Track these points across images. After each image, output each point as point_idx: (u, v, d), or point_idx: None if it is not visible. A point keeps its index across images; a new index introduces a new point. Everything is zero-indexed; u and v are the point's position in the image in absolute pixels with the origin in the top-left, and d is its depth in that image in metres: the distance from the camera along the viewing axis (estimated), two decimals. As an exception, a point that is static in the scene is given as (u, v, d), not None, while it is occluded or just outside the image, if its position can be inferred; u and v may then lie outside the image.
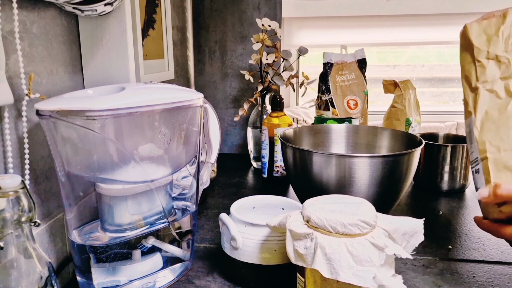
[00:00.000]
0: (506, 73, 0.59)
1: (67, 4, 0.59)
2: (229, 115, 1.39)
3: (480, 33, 0.61)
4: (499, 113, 0.58)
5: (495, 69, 0.59)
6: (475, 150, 0.60)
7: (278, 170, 1.08)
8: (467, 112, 0.62)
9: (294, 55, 1.18)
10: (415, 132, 1.21)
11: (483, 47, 0.60)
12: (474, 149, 0.60)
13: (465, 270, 0.68)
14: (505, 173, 0.56)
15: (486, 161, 0.58)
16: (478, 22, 0.61)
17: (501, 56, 0.59)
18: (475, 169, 0.60)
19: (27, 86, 0.55)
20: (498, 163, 0.57)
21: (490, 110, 0.59)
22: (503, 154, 0.57)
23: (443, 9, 1.71)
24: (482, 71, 0.60)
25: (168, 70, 1.01)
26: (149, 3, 0.89)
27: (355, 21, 1.67)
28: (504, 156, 0.57)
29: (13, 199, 0.43)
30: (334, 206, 0.53)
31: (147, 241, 0.62)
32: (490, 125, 0.58)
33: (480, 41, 0.61)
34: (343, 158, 0.73)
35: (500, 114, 0.58)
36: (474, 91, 0.61)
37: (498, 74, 0.59)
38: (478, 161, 0.59)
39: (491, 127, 0.58)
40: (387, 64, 2.03)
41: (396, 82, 1.22)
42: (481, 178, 0.59)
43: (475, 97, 0.60)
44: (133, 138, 0.56)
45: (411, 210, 0.93)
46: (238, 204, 0.69)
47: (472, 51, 0.61)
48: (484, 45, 0.60)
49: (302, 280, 0.53)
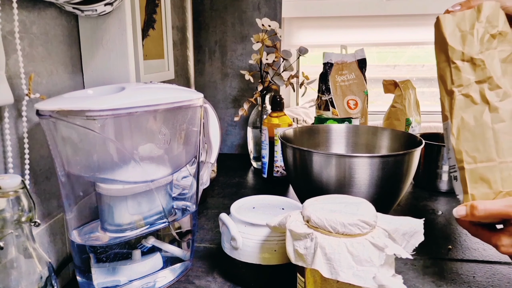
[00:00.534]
0: (481, 77, 0.57)
1: (67, 4, 0.59)
2: (229, 115, 1.39)
3: (454, 29, 0.59)
4: (475, 121, 0.57)
5: (470, 72, 0.58)
6: (453, 157, 0.60)
7: (278, 170, 1.08)
8: (443, 115, 0.61)
9: (294, 55, 1.18)
10: (415, 132, 1.21)
11: (458, 47, 0.58)
12: (451, 155, 0.60)
13: (465, 270, 0.68)
14: (481, 185, 0.56)
15: (463, 172, 0.58)
16: (452, 14, 0.59)
17: (476, 58, 0.57)
18: (453, 175, 0.60)
19: (27, 86, 0.55)
20: (474, 174, 0.57)
21: (466, 116, 0.58)
22: (479, 166, 0.56)
23: (443, 9, 1.71)
24: (457, 74, 0.59)
25: (168, 70, 1.01)
26: (149, 3, 0.89)
27: (355, 21, 1.67)
28: (480, 167, 0.56)
29: (13, 199, 0.43)
30: (334, 206, 0.53)
31: (147, 241, 0.62)
32: (466, 134, 0.57)
33: (454, 39, 0.59)
34: (343, 158, 0.73)
35: (476, 122, 0.57)
36: (450, 95, 0.59)
37: (473, 77, 0.58)
38: (456, 169, 0.59)
39: (467, 136, 0.57)
40: (387, 64, 2.03)
41: (396, 82, 1.22)
42: (459, 186, 0.59)
43: (451, 101, 0.59)
44: (133, 138, 0.56)
45: (411, 210, 0.93)
46: (238, 204, 0.69)
47: (446, 50, 0.59)
48: (458, 45, 0.58)
49: (302, 280, 0.53)
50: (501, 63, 0.57)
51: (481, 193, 0.56)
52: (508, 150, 0.55)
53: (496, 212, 0.53)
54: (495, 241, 0.54)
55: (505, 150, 0.55)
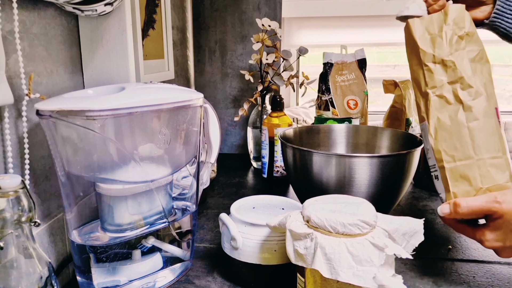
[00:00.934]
0: (453, 77, 0.59)
1: (67, 4, 0.59)
2: (229, 115, 1.39)
3: (424, 32, 0.61)
4: (450, 120, 0.59)
5: (442, 73, 0.60)
6: (432, 157, 0.61)
7: (278, 170, 1.08)
8: (420, 116, 0.63)
9: (294, 55, 1.18)
10: (415, 132, 1.21)
11: (429, 50, 0.60)
12: (430, 155, 0.62)
13: (465, 270, 0.68)
14: (462, 182, 0.58)
15: (443, 170, 0.59)
16: (420, 18, 0.62)
17: (446, 60, 0.59)
18: (435, 175, 0.62)
19: (27, 86, 0.55)
20: (454, 172, 0.58)
21: (441, 117, 0.59)
22: (458, 164, 0.58)
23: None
24: (430, 75, 0.60)
25: (168, 70, 1.01)
26: (149, 3, 0.89)
27: (355, 21, 1.67)
28: (459, 165, 0.58)
29: (13, 199, 0.43)
30: (334, 206, 0.53)
31: (147, 241, 0.62)
32: (443, 133, 0.59)
33: (424, 43, 0.61)
34: (343, 158, 0.73)
35: (451, 122, 0.59)
36: (424, 96, 0.61)
37: (445, 78, 0.59)
38: (436, 168, 0.61)
39: (445, 136, 0.59)
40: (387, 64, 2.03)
41: (396, 82, 1.22)
42: (441, 185, 0.60)
43: (426, 102, 0.61)
44: (133, 138, 0.56)
45: (411, 210, 0.93)
46: (238, 204, 0.69)
47: (418, 54, 0.61)
48: (429, 47, 0.60)
49: (302, 280, 0.53)
50: (471, 63, 0.59)
51: (462, 191, 0.58)
52: (484, 147, 0.57)
53: (478, 208, 0.55)
54: (480, 236, 0.56)
55: (481, 147, 0.57)
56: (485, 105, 0.58)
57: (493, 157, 0.57)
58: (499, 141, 0.58)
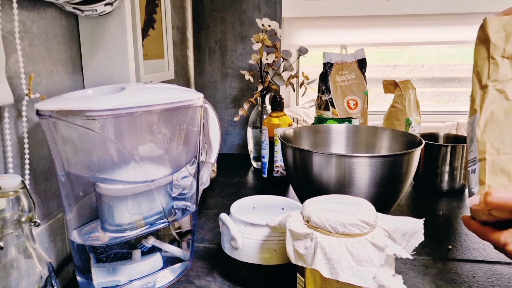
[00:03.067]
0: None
1: (67, 4, 0.59)
2: (229, 115, 1.39)
3: (499, 29, 0.59)
4: (505, 115, 0.57)
5: (509, 69, 0.58)
6: (475, 150, 0.59)
7: (278, 170, 1.08)
8: (472, 109, 0.61)
9: (294, 55, 1.18)
10: (415, 132, 1.21)
11: (500, 44, 0.58)
12: (473, 148, 0.59)
13: (465, 270, 0.68)
14: (501, 177, 0.55)
15: (484, 162, 0.57)
16: (499, 17, 0.60)
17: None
18: (472, 169, 0.59)
19: (27, 86, 0.55)
20: (496, 165, 0.56)
21: (496, 110, 0.57)
22: (502, 158, 0.56)
23: (443, 9, 1.71)
24: (495, 69, 0.58)
25: (168, 70, 1.01)
26: (149, 3, 0.89)
27: (355, 21, 1.67)
28: (503, 159, 0.56)
29: (13, 199, 0.43)
30: (334, 206, 0.53)
31: (147, 241, 0.62)
32: (493, 126, 0.57)
33: (498, 37, 0.59)
34: (343, 158, 0.73)
35: (506, 117, 0.57)
36: (483, 89, 0.59)
37: (510, 74, 0.57)
38: (476, 161, 0.59)
39: (494, 128, 0.57)
40: (387, 64, 2.03)
41: (396, 82, 1.22)
42: (476, 179, 0.58)
43: (483, 95, 0.59)
44: (133, 138, 0.56)
45: (411, 210, 0.93)
46: (238, 204, 0.69)
47: (488, 47, 0.59)
48: (501, 42, 0.58)
49: (302, 280, 0.53)
50: None
51: (499, 184, 0.54)
52: None
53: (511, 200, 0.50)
54: (505, 238, 0.51)
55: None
56: None
57: None
58: None
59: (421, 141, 0.79)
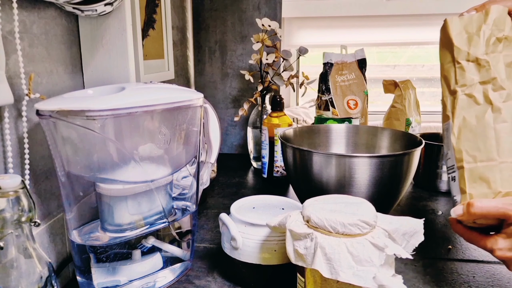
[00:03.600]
0: (486, 77, 0.57)
1: (67, 4, 0.59)
2: (229, 115, 1.39)
3: (461, 31, 0.59)
4: (477, 120, 0.57)
5: (475, 72, 0.58)
6: (452, 157, 0.59)
7: (278, 170, 1.08)
8: (444, 115, 0.61)
9: (294, 55, 1.18)
10: (415, 132, 1.21)
11: (464, 47, 0.58)
12: (451, 155, 0.59)
13: (465, 270, 0.68)
14: (480, 184, 0.55)
15: (462, 171, 0.57)
16: (460, 17, 0.59)
17: (481, 59, 0.57)
18: (452, 176, 0.59)
19: (27, 86, 0.55)
20: (474, 173, 0.56)
21: (468, 116, 0.57)
22: (479, 165, 0.56)
23: (443, 9, 1.71)
24: (461, 73, 0.58)
25: (168, 70, 1.01)
26: (149, 3, 0.89)
27: (355, 21, 1.67)
28: (480, 166, 0.56)
29: (13, 199, 0.43)
30: (334, 206, 0.53)
31: (147, 241, 0.62)
32: (467, 133, 0.57)
33: (460, 40, 0.59)
34: (343, 158, 0.73)
35: (477, 122, 0.57)
36: (452, 94, 0.59)
37: (477, 78, 0.57)
38: (455, 169, 0.58)
39: (468, 135, 0.57)
40: (387, 64, 2.03)
41: (396, 82, 1.22)
42: (457, 187, 0.58)
43: (453, 100, 0.59)
44: (133, 138, 0.56)
45: (411, 210, 0.93)
46: (238, 204, 0.69)
47: (452, 50, 0.59)
48: (464, 45, 0.58)
49: (302, 280, 0.53)
50: (506, 67, 0.57)
51: (480, 193, 0.55)
52: (509, 151, 0.55)
53: (494, 210, 0.51)
54: (491, 244, 0.52)
55: (506, 151, 0.55)
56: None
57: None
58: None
59: (421, 141, 0.79)
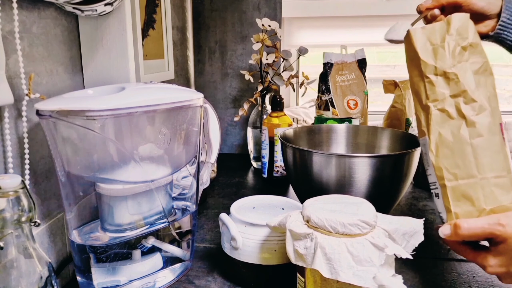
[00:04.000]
0: (456, 91, 0.56)
1: (67, 4, 0.59)
2: (229, 115, 1.39)
3: (425, 43, 0.58)
4: (452, 136, 0.56)
5: (445, 86, 0.57)
6: (433, 174, 0.58)
7: (278, 170, 1.08)
8: (420, 130, 0.60)
9: (294, 55, 1.18)
10: (415, 132, 1.20)
11: (430, 61, 0.57)
12: (431, 172, 0.59)
13: (465, 270, 0.68)
14: (464, 203, 0.55)
15: (445, 189, 0.56)
16: (422, 29, 0.59)
17: (449, 72, 0.56)
18: (435, 192, 0.59)
19: (27, 86, 0.55)
20: (456, 191, 0.55)
21: (443, 132, 0.56)
22: (461, 183, 0.55)
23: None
24: (431, 88, 0.57)
25: (168, 70, 1.01)
26: (149, 3, 0.89)
27: (355, 21, 1.67)
28: (461, 184, 0.55)
29: (13, 199, 0.43)
30: (334, 206, 0.53)
31: (147, 241, 0.62)
32: (445, 150, 0.56)
33: (426, 54, 0.58)
34: (343, 158, 0.73)
35: (454, 138, 0.56)
36: (425, 110, 0.58)
37: (447, 92, 0.56)
38: (437, 186, 0.58)
39: (446, 152, 0.56)
40: (387, 64, 2.03)
41: (396, 82, 1.22)
42: (441, 204, 0.57)
43: (427, 116, 0.58)
44: (133, 138, 0.56)
45: (411, 210, 0.93)
46: (238, 204, 0.69)
47: (419, 65, 0.58)
48: (430, 59, 0.57)
49: (302, 280, 0.53)
50: (474, 75, 0.56)
51: (464, 211, 0.55)
52: (488, 166, 0.54)
53: (480, 231, 0.51)
54: (482, 261, 0.52)
55: (485, 166, 0.54)
56: (490, 120, 0.55)
57: (497, 176, 0.54)
58: (503, 159, 0.55)
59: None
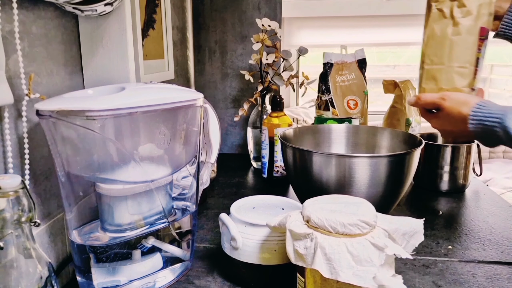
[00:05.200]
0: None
1: (67, 4, 0.59)
2: (229, 115, 1.39)
3: None
4: (440, 31, 0.73)
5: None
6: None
7: (278, 170, 1.08)
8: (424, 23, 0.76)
9: (294, 55, 1.18)
10: (415, 132, 1.21)
11: None
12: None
13: (465, 270, 0.68)
14: (431, 81, 0.75)
15: (422, 71, 0.76)
16: None
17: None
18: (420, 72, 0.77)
19: (27, 86, 0.55)
20: (429, 73, 0.75)
21: (436, 28, 0.73)
22: (434, 67, 0.74)
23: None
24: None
25: (168, 70, 1.01)
26: (149, 3, 0.89)
27: (355, 21, 1.67)
28: (434, 68, 0.74)
29: (13, 199, 0.43)
30: (334, 206, 0.53)
31: (147, 241, 0.62)
32: (431, 41, 0.74)
33: None
34: (343, 158, 0.73)
35: (440, 33, 0.73)
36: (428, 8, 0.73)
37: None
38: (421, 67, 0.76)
39: (432, 43, 0.74)
40: (387, 64, 2.03)
41: (396, 82, 1.22)
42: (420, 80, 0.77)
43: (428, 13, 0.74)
44: (133, 138, 0.56)
45: (411, 210, 0.93)
46: (238, 204, 0.69)
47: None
48: None
49: (302, 280, 0.53)
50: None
51: (430, 88, 0.75)
52: (456, 57, 0.72)
53: (430, 101, 0.73)
54: (429, 120, 0.76)
55: (453, 57, 0.72)
56: (471, 23, 0.71)
57: (460, 67, 0.72)
58: (470, 55, 0.72)
59: (421, 141, 0.79)
